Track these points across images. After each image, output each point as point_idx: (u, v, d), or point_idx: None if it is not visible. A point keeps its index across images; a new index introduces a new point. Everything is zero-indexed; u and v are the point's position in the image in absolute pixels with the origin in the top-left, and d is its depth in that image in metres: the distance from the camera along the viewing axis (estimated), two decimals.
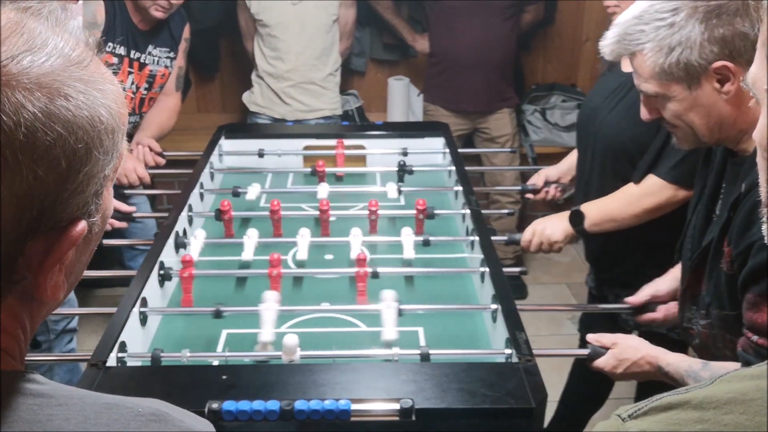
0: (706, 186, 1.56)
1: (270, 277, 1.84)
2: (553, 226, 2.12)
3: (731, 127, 1.40)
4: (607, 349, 1.61)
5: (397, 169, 2.50)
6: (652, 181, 1.96)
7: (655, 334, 2.12)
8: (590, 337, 1.66)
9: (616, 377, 1.62)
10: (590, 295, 2.43)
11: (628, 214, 2.01)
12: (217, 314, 1.69)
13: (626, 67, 2.12)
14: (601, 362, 1.60)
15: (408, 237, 2.03)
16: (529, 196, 2.53)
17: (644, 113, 1.53)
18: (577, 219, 2.08)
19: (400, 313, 1.67)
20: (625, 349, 1.58)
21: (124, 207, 2.47)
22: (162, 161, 2.81)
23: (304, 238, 2.02)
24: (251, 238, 2.01)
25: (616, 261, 2.20)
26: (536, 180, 2.51)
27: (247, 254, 1.97)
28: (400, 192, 2.36)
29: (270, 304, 1.67)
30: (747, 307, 1.29)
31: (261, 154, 2.65)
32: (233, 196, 2.32)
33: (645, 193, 1.97)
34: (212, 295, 1.84)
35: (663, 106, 1.47)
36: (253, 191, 2.33)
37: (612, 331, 1.67)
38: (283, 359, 1.51)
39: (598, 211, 2.06)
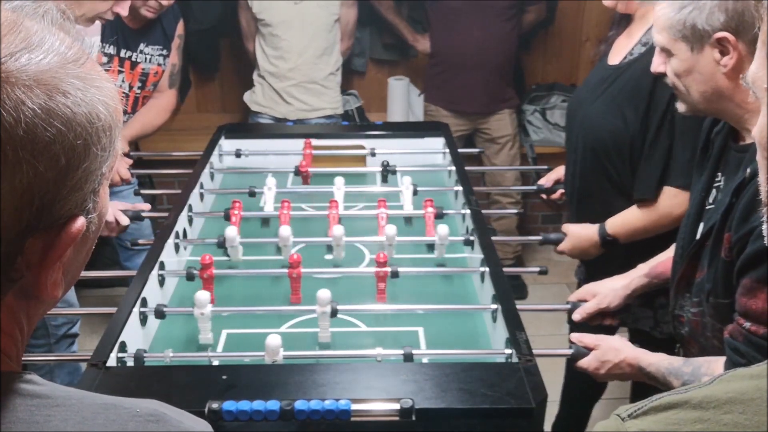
0: (703, 174, 1.56)
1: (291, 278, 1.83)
2: (589, 256, 2.15)
3: (729, 101, 1.40)
4: (590, 349, 1.62)
5: (380, 169, 2.49)
6: (670, 192, 1.95)
7: (640, 332, 2.12)
8: (573, 337, 1.67)
9: (599, 378, 1.64)
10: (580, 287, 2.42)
11: (661, 226, 2.00)
12: (159, 314, 1.69)
13: (612, 59, 2.11)
14: (584, 363, 1.62)
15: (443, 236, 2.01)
16: (543, 196, 2.52)
17: (654, 64, 1.56)
18: (612, 247, 2.09)
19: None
20: (606, 351, 1.60)
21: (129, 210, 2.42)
22: (128, 161, 2.73)
23: (339, 246, 2.00)
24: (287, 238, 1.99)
25: (607, 255, 2.19)
26: (549, 179, 2.50)
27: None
28: (415, 192, 2.31)
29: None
30: (742, 293, 1.28)
31: (238, 155, 2.64)
32: (249, 196, 2.31)
33: (670, 205, 1.96)
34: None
35: (668, 62, 1.50)
36: (269, 195, 2.31)
37: (598, 329, 1.68)
38: (266, 360, 1.51)
39: (630, 235, 2.05)
